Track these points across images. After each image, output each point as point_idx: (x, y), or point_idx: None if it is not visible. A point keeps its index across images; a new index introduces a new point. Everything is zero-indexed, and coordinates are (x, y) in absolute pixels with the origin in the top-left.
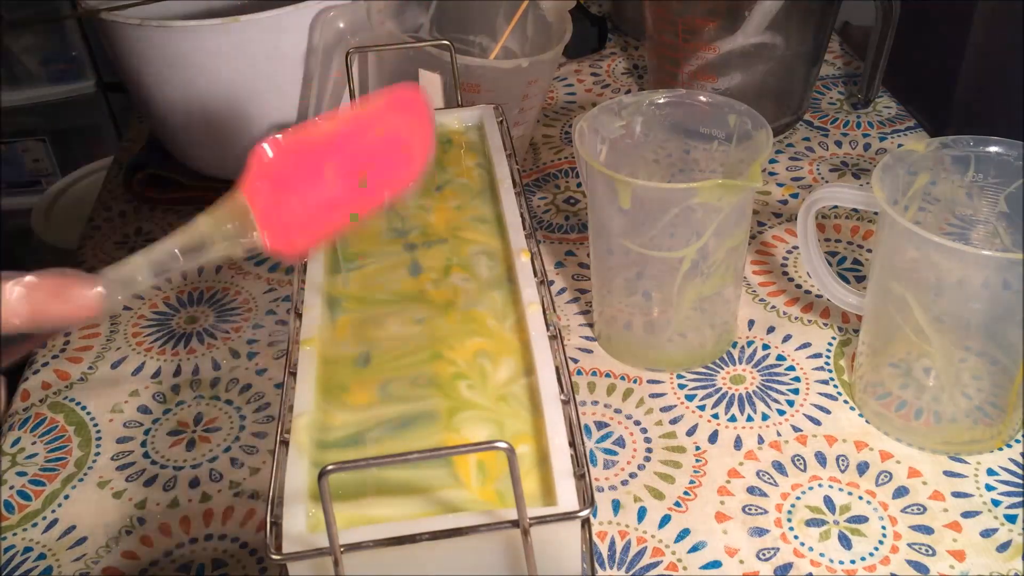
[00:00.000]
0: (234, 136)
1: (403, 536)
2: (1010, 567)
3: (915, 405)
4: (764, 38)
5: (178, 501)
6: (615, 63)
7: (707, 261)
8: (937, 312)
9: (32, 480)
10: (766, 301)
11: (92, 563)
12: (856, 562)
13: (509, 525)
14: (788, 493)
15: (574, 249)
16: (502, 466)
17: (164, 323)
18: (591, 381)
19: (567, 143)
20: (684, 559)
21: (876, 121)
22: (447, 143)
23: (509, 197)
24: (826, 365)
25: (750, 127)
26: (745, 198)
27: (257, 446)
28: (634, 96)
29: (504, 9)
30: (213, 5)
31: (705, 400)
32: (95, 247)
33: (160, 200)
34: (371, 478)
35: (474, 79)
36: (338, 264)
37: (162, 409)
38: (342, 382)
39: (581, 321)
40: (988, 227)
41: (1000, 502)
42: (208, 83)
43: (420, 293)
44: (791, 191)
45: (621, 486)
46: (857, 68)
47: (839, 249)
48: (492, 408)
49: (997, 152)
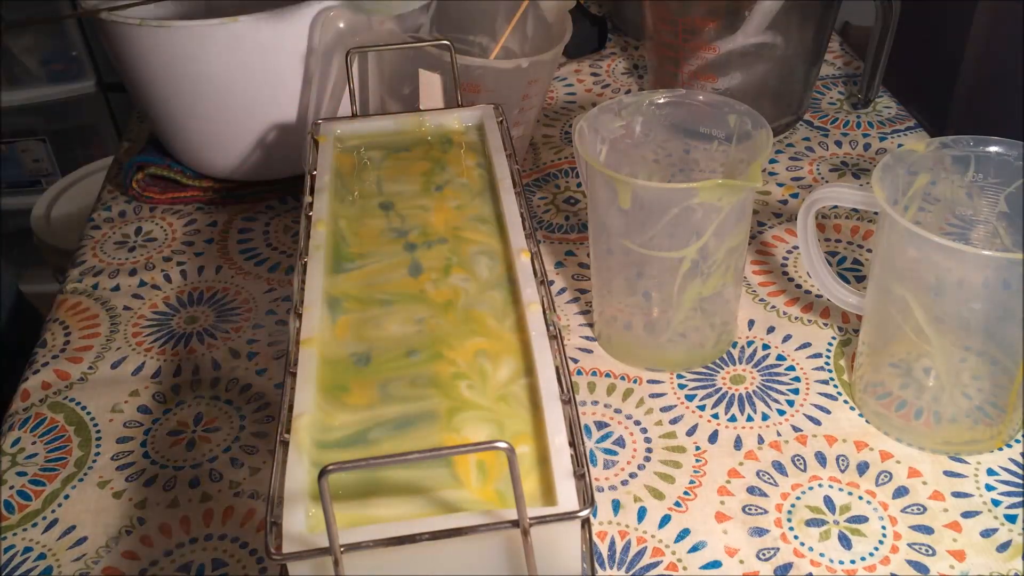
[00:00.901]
0: (234, 136)
1: (403, 536)
2: (1010, 567)
3: (915, 405)
4: (764, 38)
5: (178, 501)
6: (615, 63)
7: (707, 261)
8: (937, 312)
9: (32, 480)
10: (766, 301)
11: (92, 563)
12: (856, 562)
13: (509, 525)
14: (788, 493)
15: (574, 249)
16: (502, 466)
17: (164, 323)
18: (591, 381)
19: (567, 143)
20: (684, 559)
21: (876, 121)
22: (447, 143)
23: (509, 197)
24: (826, 365)
25: (750, 127)
26: (745, 198)
27: (257, 446)
28: (634, 96)
29: (504, 9)
30: (213, 5)
31: (705, 400)
32: (95, 247)
33: (160, 200)
34: (371, 478)
35: (474, 79)
36: (338, 264)
37: (162, 409)
38: (342, 382)
39: (581, 321)
40: (988, 227)
41: (1000, 502)
42: (208, 83)
43: (420, 293)
44: (791, 191)
45: (621, 486)
46: (857, 68)
47: (839, 249)
48: (492, 408)
49: (997, 152)
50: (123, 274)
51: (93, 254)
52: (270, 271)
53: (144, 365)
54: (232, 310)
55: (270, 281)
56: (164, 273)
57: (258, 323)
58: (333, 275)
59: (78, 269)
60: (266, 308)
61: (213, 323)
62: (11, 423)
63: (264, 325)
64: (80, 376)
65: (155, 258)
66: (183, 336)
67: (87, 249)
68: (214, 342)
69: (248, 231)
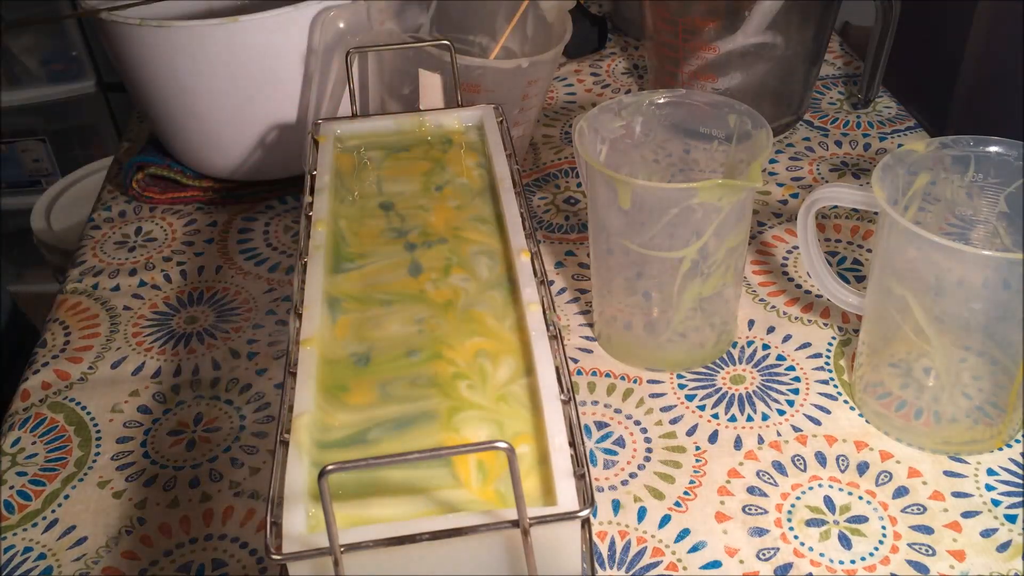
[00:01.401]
0: (234, 136)
1: (403, 536)
2: (1010, 567)
3: (915, 405)
4: (764, 38)
5: (178, 501)
6: (615, 63)
7: (707, 261)
8: (937, 312)
9: (32, 480)
10: (766, 301)
11: (92, 563)
12: (856, 562)
13: (509, 525)
14: (788, 493)
15: (574, 249)
16: (502, 466)
17: (164, 323)
18: (591, 381)
19: (567, 143)
20: (684, 559)
21: (876, 121)
22: (447, 143)
23: (509, 197)
24: (826, 365)
25: (750, 127)
26: (745, 198)
27: (257, 446)
28: (634, 96)
29: (504, 9)
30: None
31: (705, 400)
32: (95, 247)
33: (160, 200)
34: (371, 478)
35: (474, 79)
36: (338, 264)
37: (162, 409)
38: (342, 382)
39: (581, 321)
40: (988, 227)
41: (1000, 502)
42: (208, 83)
43: (420, 293)
44: (791, 191)
45: (621, 486)
46: (857, 68)
47: (839, 249)
48: (492, 408)
49: (997, 152)
50: (123, 274)
51: (93, 254)
52: (270, 271)
53: (144, 365)
54: (232, 310)
55: (270, 281)
56: (164, 273)
57: (258, 323)
58: (333, 275)
59: (78, 269)
60: (266, 308)
61: (213, 323)
62: (11, 423)
63: (264, 325)
64: (80, 376)
65: (155, 258)
66: (183, 336)
67: (87, 249)
68: (214, 342)
69: (248, 231)
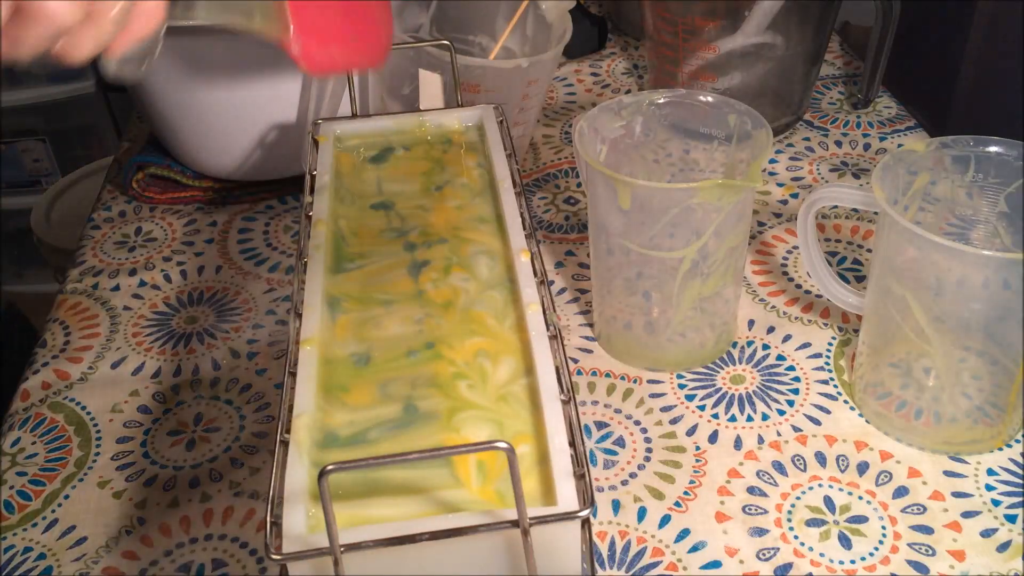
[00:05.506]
0: (234, 136)
1: (403, 536)
2: (1010, 567)
3: (915, 405)
4: (764, 38)
5: (178, 501)
6: (615, 63)
7: (707, 261)
8: (937, 312)
9: (32, 480)
10: (766, 301)
11: (92, 563)
12: (856, 562)
13: (509, 525)
14: (788, 493)
15: (574, 249)
16: (502, 466)
17: (164, 323)
18: (591, 381)
19: (567, 143)
20: (684, 559)
21: (876, 121)
22: (447, 143)
23: (509, 197)
24: (826, 365)
25: (750, 127)
26: (745, 198)
27: (257, 446)
28: (634, 96)
29: (504, 9)
30: None
31: (705, 400)
32: (95, 247)
33: (160, 200)
34: (371, 478)
35: (474, 79)
36: (338, 264)
37: (162, 409)
38: (342, 382)
39: (581, 321)
40: (988, 227)
41: (1000, 502)
42: (208, 84)
43: (420, 293)
44: (791, 191)
45: (621, 486)
46: (857, 68)
47: (839, 249)
48: (492, 408)
49: (997, 152)
50: (123, 274)
51: (93, 254)
52: (270, 271)
53: (144, 365)
54: (232, 310)
55: (270, 281)
56: (164, 273)
57: (258, 323)
58: (333, 275)
59: (78, 269)
60: (266, 308)
61: (213, 323)
62: (11, 423)
63: (264, 325)
64: (80, 376)
65: (155, 258)
66: (183, 336)
67: (87, 249)
68: (214, 342)
69: (248, 231)
